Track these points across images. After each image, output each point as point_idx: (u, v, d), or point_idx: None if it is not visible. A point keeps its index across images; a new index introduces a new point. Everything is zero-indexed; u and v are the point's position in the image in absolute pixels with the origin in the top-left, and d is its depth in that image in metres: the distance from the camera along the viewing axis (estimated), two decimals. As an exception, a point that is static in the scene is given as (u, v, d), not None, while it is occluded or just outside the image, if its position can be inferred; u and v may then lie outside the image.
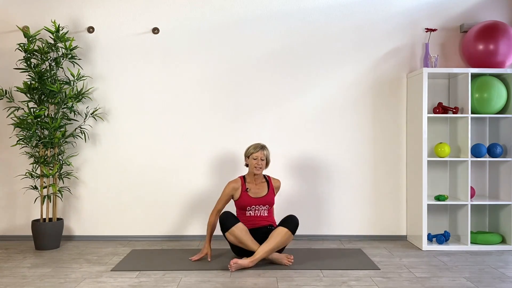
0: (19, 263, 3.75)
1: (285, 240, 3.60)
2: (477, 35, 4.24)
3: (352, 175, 4.53)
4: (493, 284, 3.21)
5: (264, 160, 3.81)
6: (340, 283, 3.22)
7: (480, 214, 4.50)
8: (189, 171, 4.52)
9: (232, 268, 3.43)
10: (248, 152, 3.83)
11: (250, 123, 4.51)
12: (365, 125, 4.53)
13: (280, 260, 3.60)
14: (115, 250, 4.14)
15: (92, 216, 4.54)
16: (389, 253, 4.05)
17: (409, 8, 4.52)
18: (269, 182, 3.92)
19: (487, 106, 4.17)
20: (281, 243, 3.59)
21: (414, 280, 3.29)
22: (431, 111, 4.50)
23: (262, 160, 3.79)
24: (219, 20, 4.51)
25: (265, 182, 3.91)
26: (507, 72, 4.18)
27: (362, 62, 4.52)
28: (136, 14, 4.51)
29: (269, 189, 3.89)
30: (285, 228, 3.60)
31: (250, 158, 3.80)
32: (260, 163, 3.78)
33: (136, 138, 4.52)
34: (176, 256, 3.92)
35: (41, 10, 4.50)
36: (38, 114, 4.11)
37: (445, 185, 4.53)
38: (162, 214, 4.53)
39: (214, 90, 4.52)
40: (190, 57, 4.51)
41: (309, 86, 4.52)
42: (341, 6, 4.52)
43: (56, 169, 4.20)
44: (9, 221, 4.54)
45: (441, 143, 4.24)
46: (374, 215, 4.54)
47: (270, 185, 3.91)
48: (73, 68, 4.50)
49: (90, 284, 3.23)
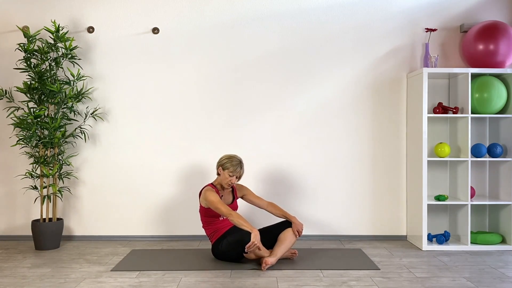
0: (19, 263, 3.75)
1: (294, 240, 3.78)
2: (477, 35, 4.24)
3: (352, 175, 4.53)
4: (493, 284, 3.21)
5: (239, 178, 3.81)
6: (340, 283, 3.22)
7: (480, 214, 4.50)
8: (189, 170, 4.52)
9: (264, 268, 3.51)
10: (225, 166, 3.75)
11: (250, 122, 4.51)
12: (365, 125, 4.53)
13: (286, 254, 3.77)
14: (115, 250, 4.14)
15: (92, 216, 4.54)
16: (389, 253, 4.05)
17: (409, 8, 4.52)
18: (233, 189, 3.95)
19: (487, 106, 4.17)
20: (292, 243, 3.76)
21: (414, 280, 3.29)
22: (431, 111, 4.50)
23: (237, 178, 3.79)
24: (218, 20, 4.52)
25: (230, 189, 3.94)
26: (507, 72, 4.18)
27: (362, 62, 4.52)
28: (136, 14, 4.51)
29: (234, 197, 3.93)
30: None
31: (226, 172, 3.76)
32: (234, 181, 3.78)
33: (136, 138, 4.52)
34: (176, 256, 3.92)
35: (41, 10, 4.50)
36: (38, 114, 4.11)
37: (445, 185, 4.53)
38: (162, 214, 4.53)
39: (214, 90, 4.52)
40: (190, 57, 4.51)
41: (309, 86, 4.52)
42: (341, 6, 4.52)
43: (56, 169, 4.20)
44: (9, 221, 4.54)
45: (441, 143, 4.24)
46: (374, 215, 4.54)
47: (234, 192, 3.94)
48: (73, 68, 4.50)
49: (90, 284, 3.23)
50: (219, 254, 3.72)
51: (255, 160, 4.51)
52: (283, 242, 3.69)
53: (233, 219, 3.56)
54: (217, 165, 3.82)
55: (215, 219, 3.78)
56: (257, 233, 3.52)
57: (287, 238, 3.71)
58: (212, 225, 3.79)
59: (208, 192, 3.71)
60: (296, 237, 3.75)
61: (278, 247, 3.67)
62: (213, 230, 3.78)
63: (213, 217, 3.78)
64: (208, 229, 3.81)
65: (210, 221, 3.79)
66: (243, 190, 3.98)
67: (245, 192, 3.97)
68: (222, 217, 3.79)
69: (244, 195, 3.97)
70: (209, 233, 3.80)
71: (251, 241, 3.48)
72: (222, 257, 3.72)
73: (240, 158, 3.81)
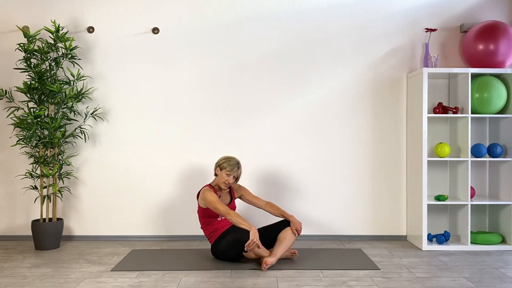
0: (19, 263, 3.75)
1: (294, 240, 3.78)
2: (477, 35, 4.24)
3: (352, 175, 4.53)
4: (493, 284, 3.21)
5: (236, 178, 3.82)
6: (340, 283, 3.22)
7: (480, 214, 4.50)
8: (189, 171, 4.52)
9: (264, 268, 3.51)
10: (222, 166, 3.77)
11: (250, 122, 4.51)
12: (365, 125, 4.53)
13: (285, 254, 3.77)
14: (115, 250, 4.14)
15: (92, 216, 4.54)
16: (389, 253, 4.05)
17: (409, 8, 4.52)
18: (231, 190, 3.96)
19: (487, 106, 4.17)
20: (291, 243, 3.76)
21: (414, 280, 3.29)
22: (431, 111, 4.50)
23: (234, 178, 3.79)
24: (219, 20, 4.51)
25: (228, 190, 3.94)
26: (507, 72, 4.18)
27: (362, 62, 4.52)
28: (136, 14, 4.51)
29: (232, 197, 3.93)
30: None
31: (223, 172, 3.77)
32: (231, 181, 3.78)
33: (136, 137, 4.52)
34: (176, 256, 3.92)
35: (41, 10, 4.50)
36: (38, 114, 4.11)
37: (445, 185, 4.53)
38: (162, 214, 4.53)
39: (214, 90, 4.52)
40: (190, 57, 4.51)
41: (309, 86, 4.52)
42: (341, 6, 4.52)
43: (56, 169, 4.20)
44: (9, 221, 4.54)
45: (441, 143, 4.24)
46: (374, 215, 4.54)
47: (232, 193, 3.95)
48: (73, 68, 4.50)
49: (90, 284, 3.23)
50: (219, 254, 3.72)
51: (255, 160, 4.51)
52: (282, 241, 3.69)
53: (232, 218, 3.56)
54: (215, 166, 3.85)
55: (213, 219, 3.79)
56: (255, 231, 3.52)
57: (286, 237, 3.71)
58: (210, 226, 3.79)
59: (206, 192, 3.72)
60: (295, 236, 3.75)
61: (277, 247, 3.67)
62: (212, 230, 3.78)
63: (211, 217, 3.78)
64: (207, 229, 3.81)
65: (209, 221, 3.79)
66: (240, 190, 3.98)
67: (243, 192, 3.98)
68: (220, 218, 3.79)
69: (242, 195, 3.98)
70: (208, 233, 3.81)
71: (250, 239, 3.48)
72: (221, 256, 3.72)
73: (238, 160, 3.83)
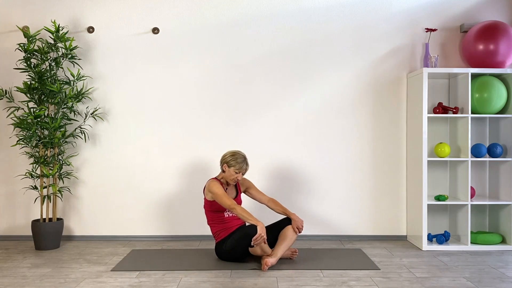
0: (19, 263, 3.75)
1: (295, 238, 3.78)
2: (477, 35, 4.24)
3: (352, 175, 4.53)
4: (493, 284, 3.21)
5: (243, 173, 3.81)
6: (340, 283, 3.23)
7: (480, 214, 4.50)
8: (189, 171, 4.52)
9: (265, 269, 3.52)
10: (230, 164, 3.74)
11: (250, 122, 4.51)
12: (365, 125, 4.53)
13: (286, 254, 3.78)
14: (115, 250, 4.14)
15: (92, 216, 4.54)
16: (389, 253, 4.05)
17: (409, 8, 4.52)
18: (237, 183, 3.94)
19: (487, 106, 4.17)
20: (293, 241, 3.76)
21: (414, 280, 3.29)
22: (431, 111, 4.50)
23: (242, 175, 3.79)
24: (218, 20, 4.51)
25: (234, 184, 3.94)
26: (507, 72, 4.18)
27: (362, 62, 4.52)
28: (136, 14, 4.51)
29: (238, 191, 3.92)
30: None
31: (232, 170, 3.75)
32: (240, 177, 3.78)
33: (136, 138, 4.52)
34: (176, 256, 3.92)
35: (41, 10, 4.50)
36: (38, 114, 4.11)
37: (445, 185, 4.53)
38: (162, 214, 4.53)
39: (214, 89, 4.52)
40: (190, 57, 4.51)
41: (309, 86, 4.52)
42: (341, 6, 4.52)
43: (56, 169, 4.20)
44: (9, 221, 4.54)
45: (441, 143, 4.24)
46: (374, 215, 4.54)
47: (238, 187, 3.94)
48: (73, 68, 4.50)
49: (90, 284, 3.23)
50: (222, 254, 3.72)
51: (255, 160, 4.51)
52: (284, 240, 3.69)
53: (237, 212, 3.52)
54: (222, 162, 3.79)
55: (220, 214, 3.76)
56: (263, 226, 3.52)
57: (288, 235, 3.71)
58: (217, 224, 3.77)
59: (213, 183, 3.71)
60: (296, 234, 3.75)
61: (278, 246, 3.67)
62: (219, 229, 3.77)
63: (218, 212, 3.75)
64: (214, 227, 3.79)
65: (215, 217, 3.77)
66: (246, 184, 3.97)
67: (248, 185, 3.97)
68: (227, 213, 3.77)
69: (247, 188, 3.96)
70: (214, 232, 3.79)
71: (258, 233, 3.48)
72: (225, 256, 3.72)
73: (244, 154, 3.79)
